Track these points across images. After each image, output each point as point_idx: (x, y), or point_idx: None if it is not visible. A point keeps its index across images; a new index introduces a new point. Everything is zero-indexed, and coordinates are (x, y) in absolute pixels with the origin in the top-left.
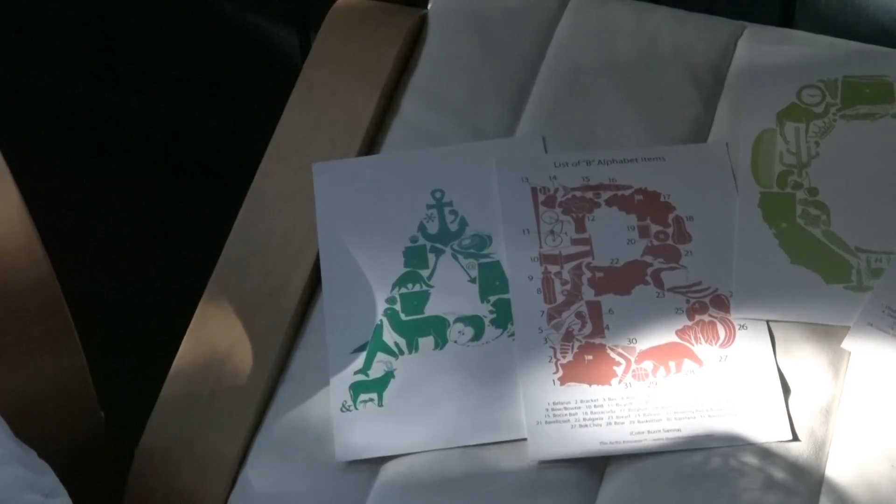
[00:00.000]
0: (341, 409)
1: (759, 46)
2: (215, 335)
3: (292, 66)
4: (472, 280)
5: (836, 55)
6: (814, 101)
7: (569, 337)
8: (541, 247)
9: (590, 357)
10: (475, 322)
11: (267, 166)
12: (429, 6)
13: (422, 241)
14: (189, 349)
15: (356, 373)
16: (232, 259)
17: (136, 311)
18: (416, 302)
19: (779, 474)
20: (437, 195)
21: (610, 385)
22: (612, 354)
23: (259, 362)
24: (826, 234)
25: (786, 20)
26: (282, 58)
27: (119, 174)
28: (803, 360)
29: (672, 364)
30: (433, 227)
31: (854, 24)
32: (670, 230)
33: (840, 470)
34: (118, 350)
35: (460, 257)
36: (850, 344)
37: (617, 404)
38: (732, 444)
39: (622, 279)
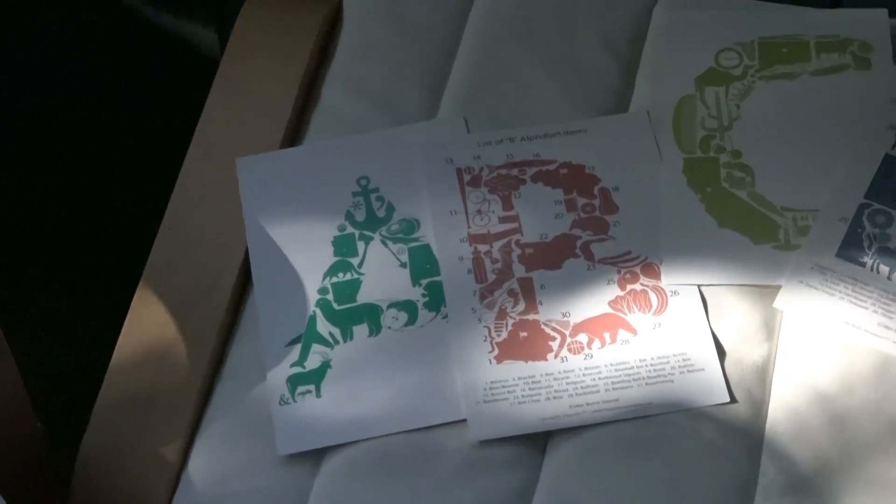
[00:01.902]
0: (280, 403)
1: (674, 12)
2: (149, 335)
3: (212, 61)
4: (403, 265)
5: (752, 17)
6: (731, 63)
7: (502, 315)
8: (469, 227)
9: (524, 334)
10: (408, 307)
11: (191, 164)
12: None
13: (350, 229)
14: (124, 351)
15: (292, 365)
16: (161, 258)
17: (66, 314)
18: (347, 290)
19: (719, 437)
20: (363, 182)
21: (546, 360)
22: (547, 329)
23: (195, 360)
24: (751, 196)
25: None
26: (201, 54)
27: (41, 175)
28: (736, 322)
29: (606, 335)
30: (360, 215)
31: None
32: (597, 202)
33: (779, 429)
34: (52, 354)
35: (389, 243)
36: (782, 302)
37: (554, 379)
38: (671, 411)
39: (552, 254)
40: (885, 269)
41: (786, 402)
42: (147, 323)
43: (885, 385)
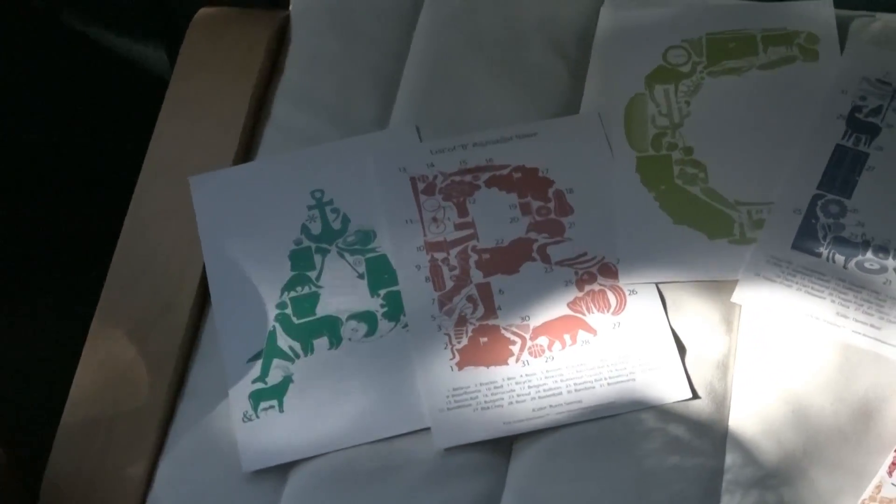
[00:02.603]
0: (243, 420)
1: (620, 13)
2: (110, 358)
3: (162, 80)
4: (361, 276)
5: (698, 13)
6: (680, 61)
7: (462, 322)
8: (425, 235)
9: (485, 339)
10: (368, 317)
11: (144, 184)
12: (290, 7)
13: (306, 242)
14: (85, 374)
15: (254, 381)
16: (118, 280)
17: (26, 339)
18: (306, 304)
19: (682, 433)
20: (317, 195)
21: (507, 365)
22: (507, 334)
23: (156, 381)
24: (705, 192)
25: None
26: (151, 73)
27: None
28: (695, 317)
29: (567, 337)
30: (316, 228)
31: None
32: (551, 204)
33: (743, 422)
34: (13, 380)
35: (346, 255)
36: (740, 296)
37: (516, 383)
38: (634, 409)
39: (509, 258)
40: (840, 258)
41: (748, 394)
42: (106, 346)
43: (845, 373)
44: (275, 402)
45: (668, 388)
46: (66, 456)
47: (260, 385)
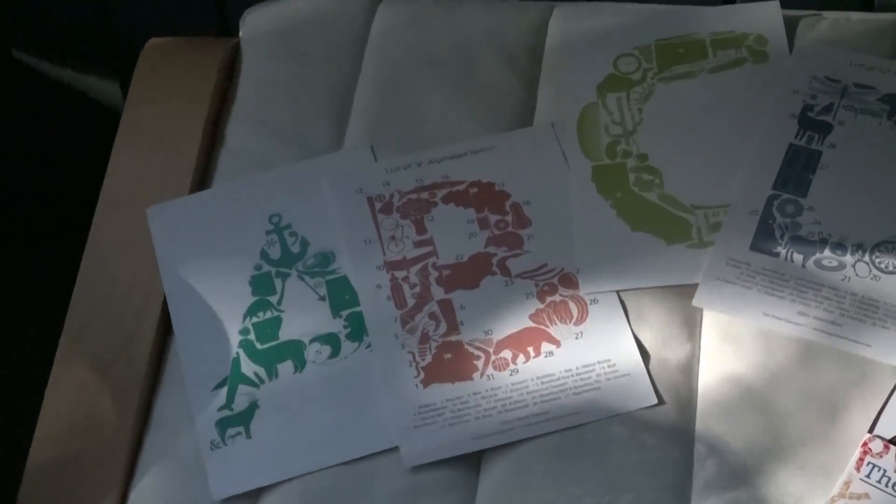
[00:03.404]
0: (211, 448)
1: (569, 24)
2: (74, 394)
3: (117, 112)
4: (322, 298)
5: (646, 20)
6: (630, 68)
7: (425, 339)
8: (384, 254)
9: (449, 355)
10: (331, 339)
11: (101, 216)
12: (240, 33)
13: (266, 267)
14: (50, 412)
15: (220, 409)
16: (79, 315)
17: None
18: (269, 329)
19: (650, 439)
20: (275, 220)
21: (472, 380)
22: (471, 349)
23: (122, 414)
24: (661, 197)
25: None
26: (105, 105)
27: None
28: (657, 323)
29: (530, 349)
30: (275, 252)
31: None
32: (509, 217)
33: (709, 424)
34: None
35: (307, 277)
36: (700, 300)
37: (482, 397)
38: (601, 417)
39: (469, 273)
40: (798, 257)
41: (713, 398)
42: (70, 382)
43: (809, 371)
44: (242, 429)
45: (633, 394)
46: (34, 496)
47: (226, 412)
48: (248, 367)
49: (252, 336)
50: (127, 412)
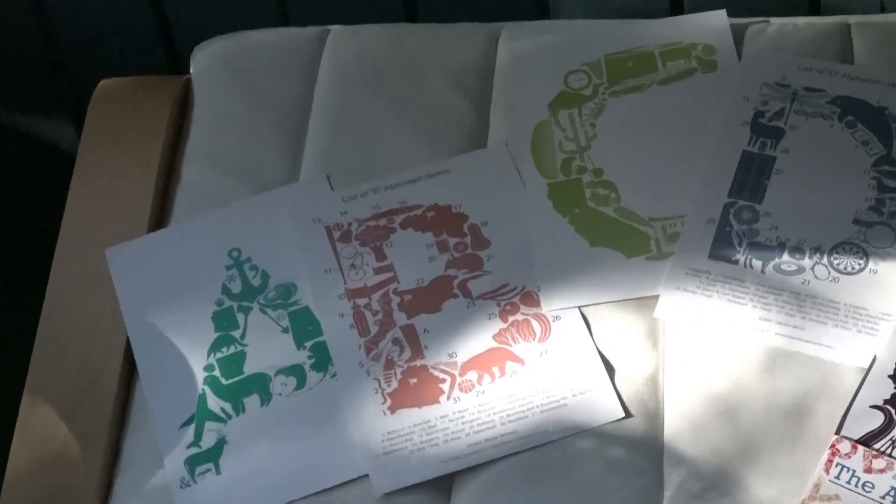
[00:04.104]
0: (181, 486)
1: (518, 43)
2: (41, 439)
3: (72, 156)
4: (285, 330)
5: (594, 36)
6: (581, 84)
7: (390, 365)
8: (345, 283)
9: (414, 380)
10: (296, 371)
11: (60, 260)
12: (191, 70)
13: (228, 302)
14: (18, 458)
15: (189, 446)
16: (43, 360)
17: None
18: (233, 364)
19: (619, 453)
20: (235, 254)
21: (439, 403)
22: (436, 373)
23: (90, 457)
24: (618, 211)
25: (542, 12)
26: (60, 149)
27: None
28: (621, 337)
29: (495, 369)
30: (236, 287)
31: (608, 0)
32: (468, 239)
33: (678, 436)
34: None
35: (269, 310)
36: (662, 311)
37: (450, 420)
38: (569, 434)
39: (431, 297)
40: (757, 263)
41: (680, 408)
42: (37, 428)
43: (774, 376)
44: (211, 466)
45: (600, 409)
46: None
47: (195, 450)
48: (215, 403)
49: (217, 372)
50: (95, 455)
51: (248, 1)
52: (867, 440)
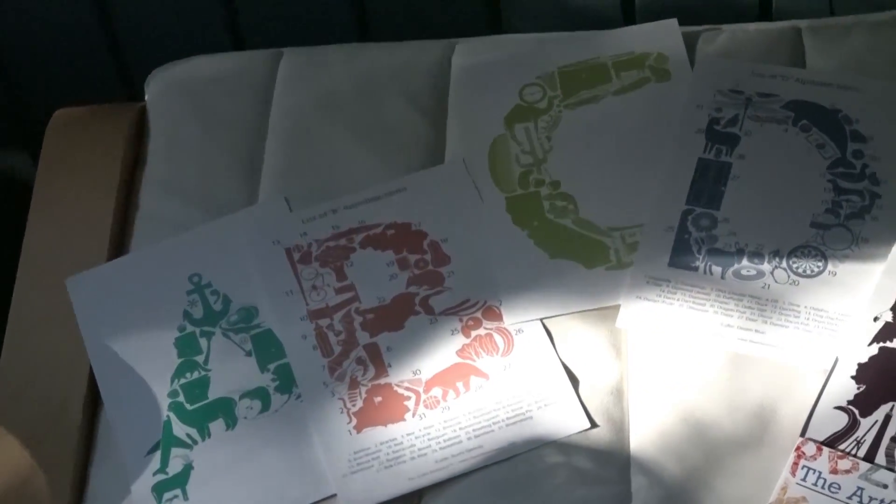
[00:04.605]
0: None
1: (471, 58)
2: (7, 471)
3: (30, 186)
4: (248, 353)
5: (547, 49)
6: (536, 98)
7: (354, 384)
8: (307, 304)
9: (379, 399)
10: (260, 394)
11: (21, 292)
12: (146, 97)
13: (190, 328)
14: None
15: (155, 473)
16: (6, 391)
17: None
18: (197, 389)
19: (586, 464)
20: (195, 279)
21: (405, 420)
22: (400, 390)
23: (56, 490)
24: (577, 222)
25: (494, 27)
26: (17, 180)
27: None
28: (584, 347)
29: (460, 384)
30: (198, 312)
31: (560, 13)
32: (428, 256)
33: (644, 444)
34: None
35: (231, 334)
36: (624, 321)
37: (416, 437)
38: (536, 446)
39: (393, 315)
40: (717, 269)
41: (646, 417)
42: (2, 459)
43: (736, 381)
44: (178, 492)
45: (565, 420)
46: None
47: (161, 476)
48: (180, 429)
49: (181, 398)
50: (62, 487)
51: (201, 25)
52: (832, 441)
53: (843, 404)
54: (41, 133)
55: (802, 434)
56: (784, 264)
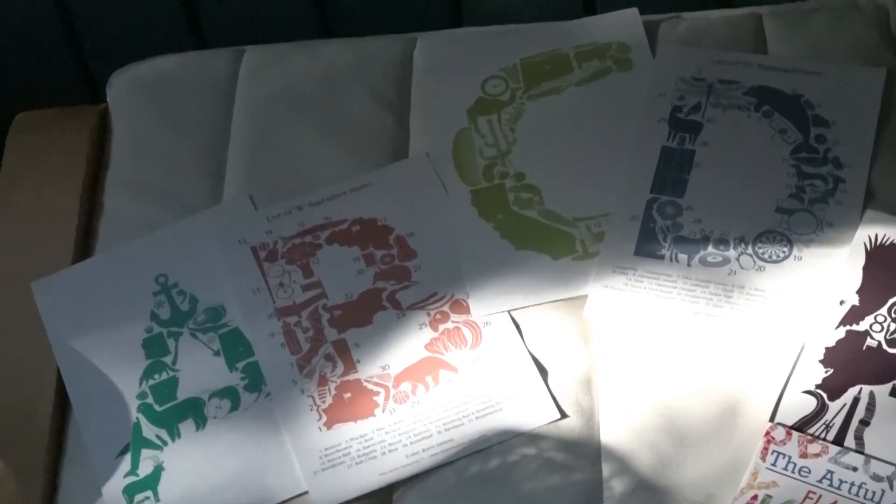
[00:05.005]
0: None
1: (434, 52)
2: None
3: None
4: (217, 353)
5: (509, 41)
6: (498, 90)
7: (323, 381)
8: (274, 302)
9: (348, 395)
10: (229, 393)
11: None
12: (108, 98)
13: (157, 329)
14: None
15: (126, 475)
16: None
17: None
18: (166, 390)
19: (556, 454)
20: (162, 280)
21: (375, 416)
22: (369, 386)
23: (27, 493)
24: (542, 214)
25: (456, 21)
26: None
27: None
28: (552, 338)
29: (429, 378)
30: (165, 313)
31: (521, 5)
32: (394, 251)
33: (614, 432)
34: None
35: (199, 334)
36: (591, 310)
37: (386, 432)
38: (506, 438)
39: (361, 311)
40: (683, 256)
41: (615, 406)
42: None
43: (705, 368)
44: (150, 493)
45: (535, 411)
46: None
47: (132, 478)
48: (150, 431)
49: (150, 399)
50: (33, 491)
51: (162, 26)
52: (801, 426)
53: (812, 388)
54: (3, 137)
55: (771, 419)
56: (750, 250)
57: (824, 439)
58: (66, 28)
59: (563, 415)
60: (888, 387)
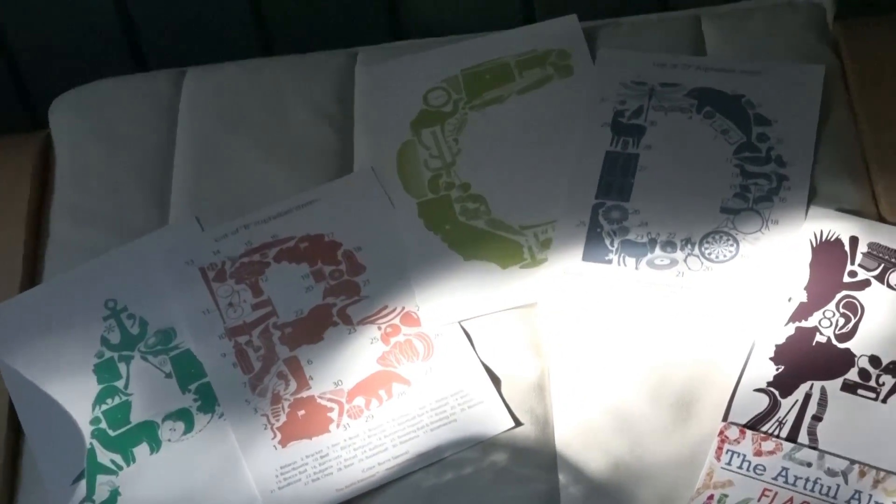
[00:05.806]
0: None
1: (375, 66)
2: None
3: None
4: (169, 375)
5: (450, 52)
6: (441, 101)
7: (276, 399)
8: (224, 322)
9: (302, 412)
10: (183, 415)
11: None
12: (49, 124)
13: (108, 353)
14: None
15: (82, 501)
16: None
17: None
18: (119, 415)
19: (513, 463)
20: (111, 304)
21: (329, 432)
22: (323, 402)
23: None
24: (489, 223)
25: (396, 34)
26: None
27: None
28: (503, 347)
29: (382, 392)
30: (115, 337)
31: (460, 16)
32: (343, 266)
33: (569, 439)
34: None
35: (150, 357)
36: (541, 318)
37: (342, 448)
38: (462, 449)
39: (311, 327)
40: (631, 261)
41: (569, 412)
42: None
43: (657, 370)
44: None
45: (490, 421)
46: None
47: None
48: (104, 456)
49: (104, 424)
50: None
51: (102, 49)
52: (755, 424)
53: (763, 386)
54: None
55: (725, 418)
56: (696, 251)
57: (778, 436)
58: (5, 53)
59: (518, 423)
60: (839, 381)
